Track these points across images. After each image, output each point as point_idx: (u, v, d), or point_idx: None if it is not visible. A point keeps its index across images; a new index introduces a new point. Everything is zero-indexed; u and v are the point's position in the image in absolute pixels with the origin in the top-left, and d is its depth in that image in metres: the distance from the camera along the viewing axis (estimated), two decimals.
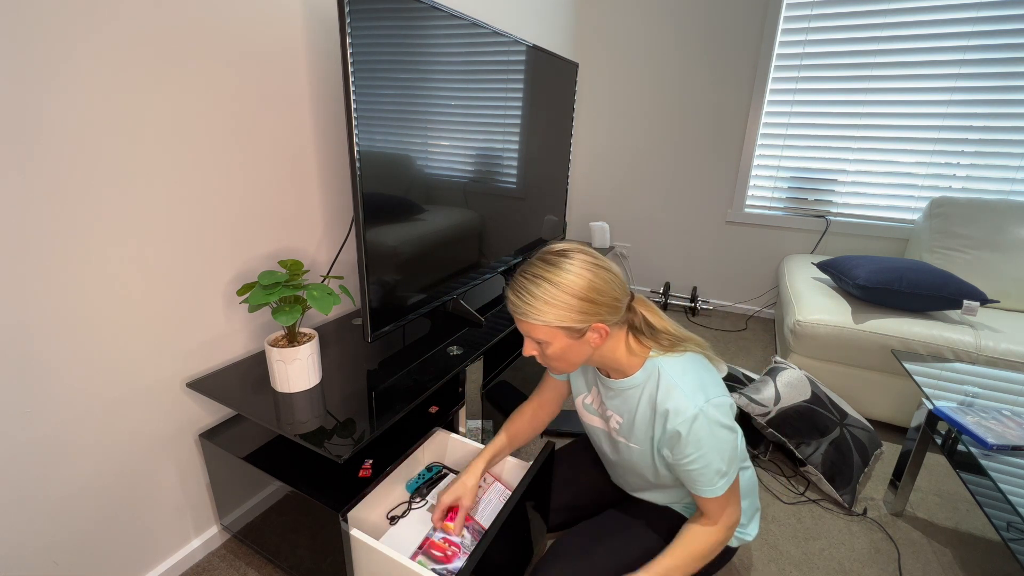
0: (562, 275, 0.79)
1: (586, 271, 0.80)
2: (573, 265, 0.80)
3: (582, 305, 0.79)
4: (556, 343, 0.82)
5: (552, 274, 0.80)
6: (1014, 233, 1.94)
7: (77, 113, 0.84)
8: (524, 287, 0.81)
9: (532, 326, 0.82)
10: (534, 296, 0.80)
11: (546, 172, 1.98)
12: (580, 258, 0.82)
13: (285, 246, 1.28)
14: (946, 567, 1.25)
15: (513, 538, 1.05)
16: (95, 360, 0.94)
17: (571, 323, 0.80)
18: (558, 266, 0.80)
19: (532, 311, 0.80)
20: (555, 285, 0.79)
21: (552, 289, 0.79)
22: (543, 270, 0.81)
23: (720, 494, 0.85)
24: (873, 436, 1.61)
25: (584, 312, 0.79)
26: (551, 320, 0.80)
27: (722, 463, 0.83)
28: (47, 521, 0.91)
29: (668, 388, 0.84)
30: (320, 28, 1.24)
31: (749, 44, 2.50)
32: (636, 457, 0.93)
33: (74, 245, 0.87)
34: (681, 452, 0.83)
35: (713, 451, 0.82)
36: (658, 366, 0.86)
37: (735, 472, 0.86)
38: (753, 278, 2.84)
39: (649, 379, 0.87)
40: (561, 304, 0.79)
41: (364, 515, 0.98)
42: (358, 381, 1.13)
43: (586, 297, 0.79)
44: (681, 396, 0.82)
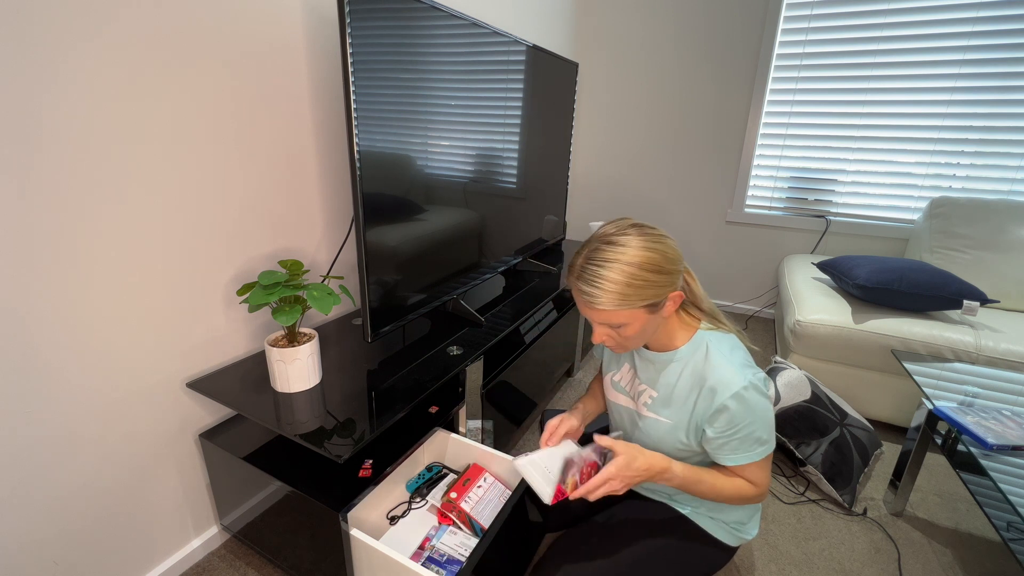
0: (632, 252, 0.78)
1: (653, 242, 0.79)
2: (638, 240, 0.79)
3: (659, 278, 0.78)
4: (636, 322, 0.81)
5: (621, 254, 0.78)
6: (1014, 233, 1.94)
7: (77, 113, 0.84)
8: (596, 274, 0.78)
9: (611, 313, 0.79)
10: (611, 280, 0.77)
11: (546, 172, 1.98)
12: (640, 232, 0.80)
13: (285, 246, 1.28)
14: (946, 567, 1.25)
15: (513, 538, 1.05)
16: (95, 360, 0.94)
17: (651, 299, 0.79)
18: (624, 244, 0.78)
19: (612, 297, 0.77)
20: (629, 264, 0.77)
21: (628, 268, 0.77)
22: (611, 252, 0.78)
23: (757, 460, 0.85)
24: (873, 436, 1.61)
25: (661, 285, 0.79)
26: (633, 302, 0.78)
27: (764, 432, 0.84)
28: (47, 521, 0.91)
29: (717, 363, 0.84)
30: (320, 28, 1.24)
31: (749, 44, 2.50)
32: (663, 432, 0.92)
33: (74, 245, 0.87)
34: (728, 423, 0.83)
35: (758, 421, 0.83)
36: (707, 340, 0.87)
37: (771, 443, 0.87)
38: (753, 278, 2.84)
39: (696, 352, 0.88)
40: (641, 282, 0.77)
41: (364, 515, 0.98)
42: (358, 381, 1.13)
43: (660, 269, 0.78)
44: (731, 371, 0.83)
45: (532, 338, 1.63)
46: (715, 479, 0.88)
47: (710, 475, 0.88)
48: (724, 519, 0.99)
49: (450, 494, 1.05)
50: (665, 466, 0.85)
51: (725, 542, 0.99)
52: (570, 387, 2.04)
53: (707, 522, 0.99)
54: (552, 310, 1.88)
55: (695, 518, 0.99)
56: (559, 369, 1.94)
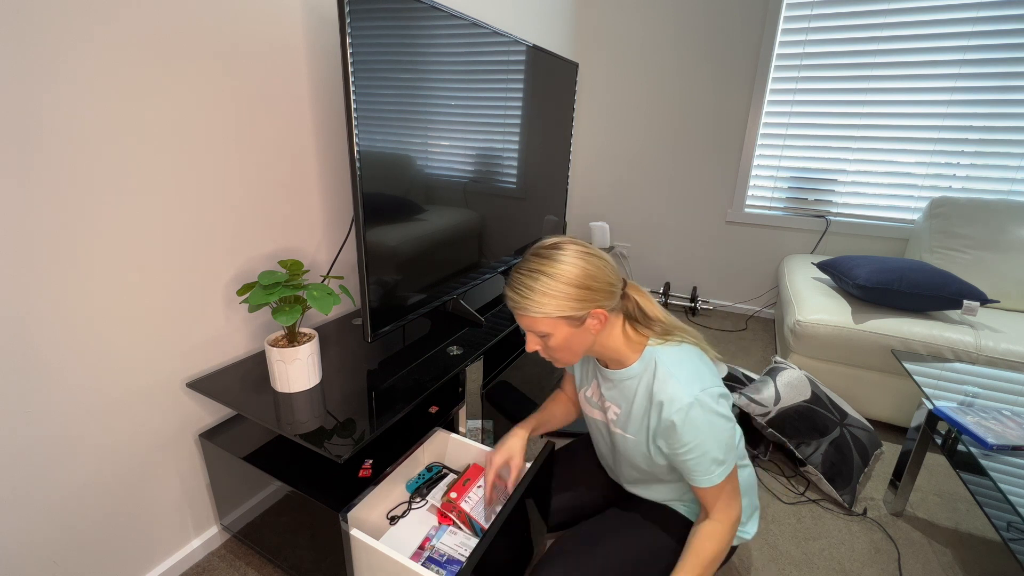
0: (557, 266, 0.82)
1: (579, 259, 0.83)
2: (566, 255, 0.83)
3: (579, 292, 0.82)
4: (558, 334, 0.84)
5: (547, 266, 0.82)
6: (1014, 233, 1.94)
7: (77, 112, 0.84)
8: (522, 283, 0.84)
9: (533, 319, 0.84)
10: (532, 290, 0.82)
11: (546, 172, 1.98)
12: (572, 248, 0.84)
13: (285, 246, 1.28)
14: (946, 567, 1.25)
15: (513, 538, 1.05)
16: (95, 360, 0.94)
17: (571, 311, 0.82)
18: (552, 258, 0.83)
19: (532, 304, 0.82)
20: (551, 276, 0.82)
21: (549, 280, 0.81)
22: (538, 264, 0.83)
23: (718, 482, 0.85)
24: (873, 436, 1.61)
25: (582, 299, 0.82)
26: (551, 311, 0.82)
27: (718, 451, 0.83)
28: (47, 521, 0.91)
29: (664, 377, 0.85)
30: (320, 28, 1.24)
31: (749, 44, 2.50)
32: (631, 448, 0.94)
33: (74, 245, 0.87)
34: (677, 441, 0.83)
35: (709, 439, 0.82)
36: (655, 355, 0.88)
37: (732, 462, 0.86)
38: (753, 278, 2.84)
39: (647, 369, 0.88)
40: (559, 294, 0.81)
41: (364, 515, 0.98)
42: (358, 381, 1.13)
43: (582, 284, 0.82)
44: (676, 385, 0.83)
45: None
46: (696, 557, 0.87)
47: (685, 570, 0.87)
48: None
49: (450, 494, 1.05)
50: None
51: None
52: None
53: None
54: None
55: (694, 518, 0.99)
56: (559, 369, 1.94)
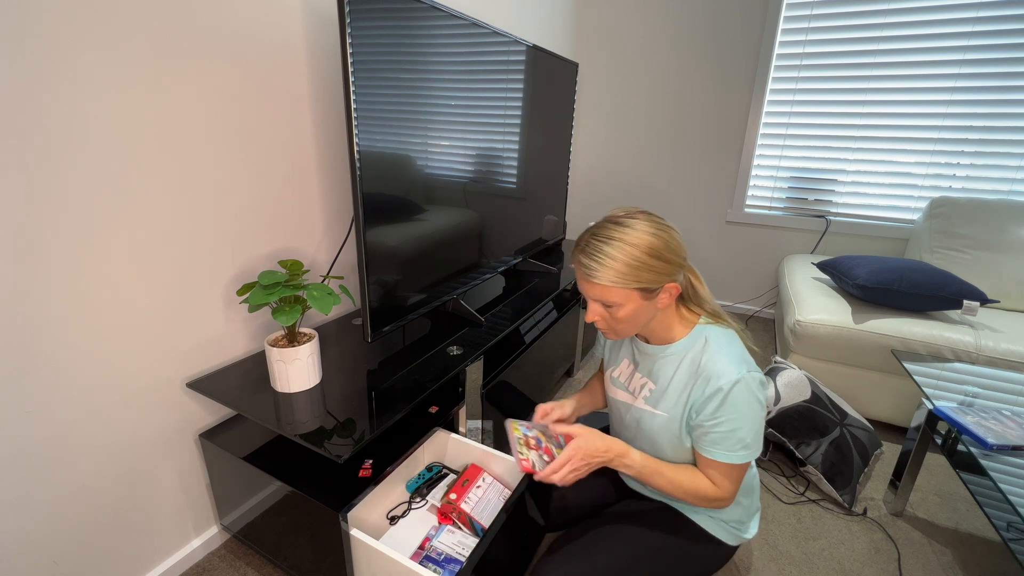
0: (636, 234, 0.80)
1: (658, 230, 0.81)
2: (644, 225, 0.81)
3: (657, 264, 0.80)
4: (629, 304, 0.82)
5: (626, 235, 0.80)
6: (1014, 233, 1.94)
7: (77, 112, 0.84)
8: (599, 249, 0.81)
9: (606, 289, 0.81)
10: (611, 257, 0.79)
11: (546, 172, 1.98)
12: (648, 219, 0.83)
13: (285, 246, 1.28)
14: (946, 567, 1.25)
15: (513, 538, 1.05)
16: (95, 360, 0.94)
17: (647, 283, 0.80)
18: (631, 227, 0.81)
19: (609, 273, 0.80)
20: (632, 245, 0.79)
21: (629, 248, 0.79)
22: (616, 231, 0.81)
23: (735, 462, 0.85)
24: (873, 436, 1.61)
25: (659, 271, 0.80)
26: (629, 281, 0.80)
27: (748, 434, 0.84)
28: (47, 521, 0.91)
29: (714, 353, 0.85)
30: (320, 27, 1.24)
31: (749, 44, 2.50)
32: (659, 427, 0.92)
33: (74, 245, 0.87)
34: (713, 414, 0.83)
35: (745, 419, 0.83)
36: (706, 334, 0.88)
37: (756, 451, 0.86)
38: (753, 278, 2.84)
39: (695, 344, 0.88)
40: (638, 263, 0.79)
41: (364, 515, 0.98)
42: (358, 381, 1.13)
43: (661, 256, 0.80)
44: (727, 362, 0.83)
45: (532, 338, 1.63)
46: (674, 472, 0.89)
47: (669, 468, 0.89)
48: (723, 518, 0.99)
49: (449, 495, 1.05)
50: (623, 451, 0.88)
51: (724, 541, 0.99)
52: (570, 387, 2.04)
53: (707, 521, 0.99)
54: (552, 310, 1.88)
55: (695, 517, 0.99)
56: (559, 369, 1.94)
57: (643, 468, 0.88)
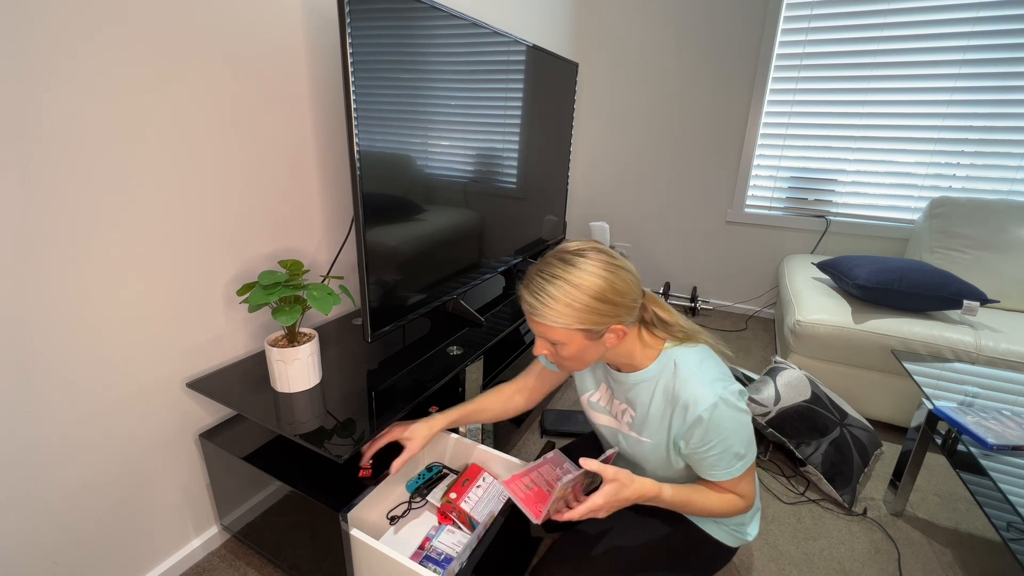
0: (581, 275, 0.77)
1: (605, 271, 0.78)
2: (592, 265, 0.78)
3: (602, 307, 0.77)
4: (572, 344, 0.81)
5: (570, 274, 0.77)
6: (1014, 233, 1.94)
7: (77, 112, 0.84)
8: (542, 287, 0.78)
9: (548, 328, 0.79)
10: (553, 297, 0.77)
11: (546, 172, 1.98)
12: (598, 258, 0.79)
13: (285, 246, 1.28)
14: (946, 567, 1.25)
15: (513, 538, 1.05)
16: (95, 360, 0.94)
17: (590, 325, 0.78)
18: (576, 266, 0.78)
19: (551, 313, 0.77)
20: (575, 286, 0.77)
21: (571, 290, 0.76)
22: (561, 269, 0.78)
23: (737, 475, 0.85)
24: (873, 436, 1.61)
25: (603, 314, 0.78)
26: (570, 322, 0.77)
27: (740, 447, 0.83)
28: (47, 521, 0.91)
29: (686, 378, 0.83)
30: (320, 28, 1.24)
31: (749, 44, 2.50)
32: (647, 451, 0.92)
33: (74, 245, 0.87)
34: (701, 440, 0.82)
35: (732, 436, 0.82)
36: (673, 357, 0.86)
37: (752, 455, 0.86)
38: (753, 278, 2.84)
39: (664, 370, 0.86)
40: (581, 306, 0.76)
41: (364, 515, 0.98)
42: (358, 381, 1.13)
43: (605, 299, 0.77)
44: (700, 385, 0.82)
45: (532, 338, 1.63)
46: (704, 498, 0.88)
47: (699, 494, 0.88)
48: (724, 520, 0.99)
49: (449, 495, 1.05)
50: (655, 493, 0.84)
51: (725, 543, 0.99)
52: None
53: (707, 523, 0.99)
54: None
55: (695, 520, 0.99)
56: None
57: (674, 503, 0.86)
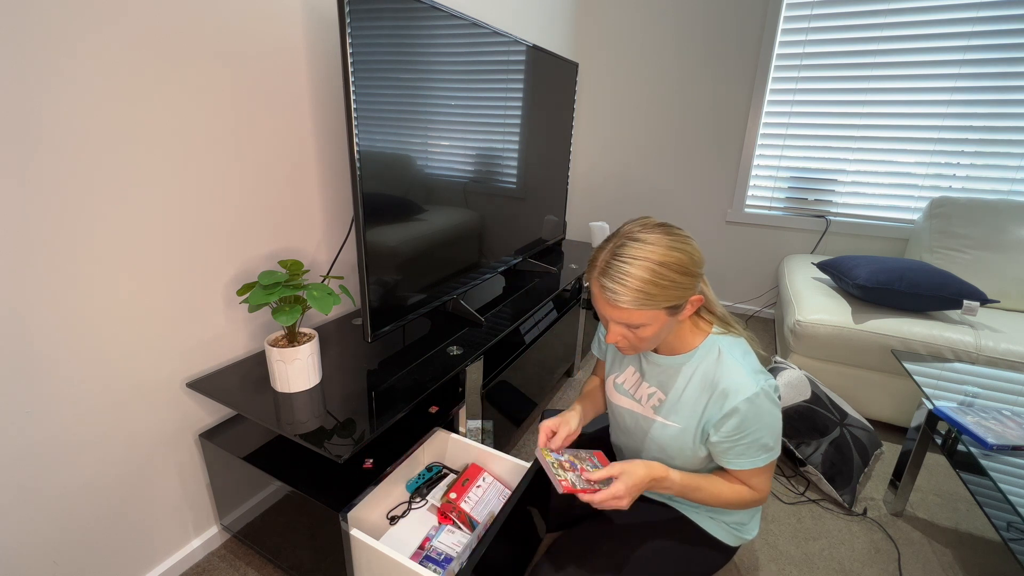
0: (660, 251, 0.75)
1: (679, 243, 0.77)
2: (667, 239, 0.77)
3: (684, 280, 0.77)
4: (656, 323, 0.79)
5: (649, 252, 0.75)
6: (1014, 233, 1.94)
7: (77, 112, 0.84)
8: (622, 270, 0.75)
9: (632, 312, 0.77)
10: (637, 279, 0.75)
11: (546, 172, 1.98)
12: (666, 231, 0.78)
13: (285, 246, 1.28)
14: (946, 567, 1.25)
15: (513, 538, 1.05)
16: (95, 360, 0.94)
17: (675, 300, 0.77)
18: (652, 243, 0.76)
19: (638, 295, 0.75)
20: (658, 263, 0.75)
21: (656, 267, 0.75)
22: (638, 249, 0.76)
23: (761, 466, 0.85)
24: (873, 436, 1.61)
25: (685, 287, 0.77)
26: (659, 301, 0.75)
27: (770, 439, 0.84)
28: (47, 521, 0.91)
29: (731, 366, 0.83)
30: (320, 28, 1.24)
31: (749, 44, 2.50)
32: (670, 437, 0.91)
33: (74, 245, 0.87)
34: (736, 428, 0.82)
35: (766, 428, 0.82)
36: (718, 344, 0.86)
37: (778, 450, 0.86)
38: (753, 278, 2.84)
39: (707, 356, 0.86)
40: (668, 282, 0.75)
41: (364, 515, 0.98)
42: (358, 381, 1.13)
43: (687, 270, 0.77)
44: (743, 375, 0.82)
45: (532, 338, 1.63)
46: (714, 485, 0.88)
47: (708, 481, 0.88)
48: (724, 519, 0.99)
49: (449, 494, 1.05)
50: (663, 474, 0.85)
51: (725, 542, 0.99)
52: (570, 387, 2.04)
53: (707, 522, 0.99)
54: (552, 310, 1.88)
55: (695, 518, 0.99)
56: (559, 369, 1.94)
57: (683, 488, 0.87)
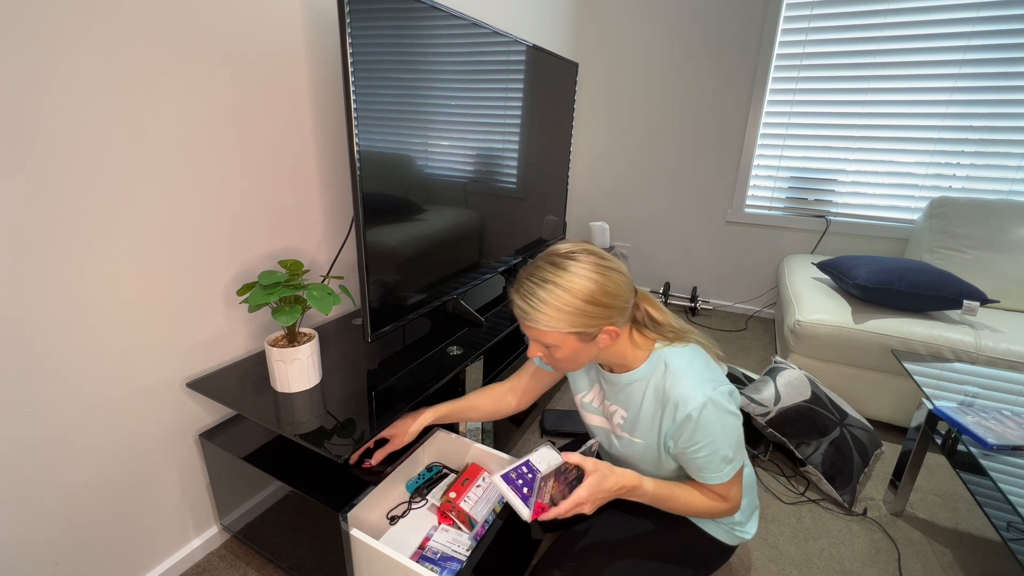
0: (572, 279, 0.77)
1: (596, 274, 0.78)
2: (583, 268, 0.78)
3: (594, 310, 0.77)
4: (566, 347, 0.81)
5: (561, 278, 0.77)
6: (1014, 233, 1.94)
7: (77, 112, 0.84)
8: (532, 292, 0.78)
9: (541, 332, 0.80)
10: (544, 302, 0.77)
11: (546, 172, 1.98)
12: (588, 260, 0.79)
13: (285, 246, 1.28)
14: (946, 567, 1.25)
15: (513, 538, 1.05)
16: (95, 360, 0.94)
17: (583, 328, 0.78)
18: (567, 269, 0.78)
19: (543, 317, 0.77)
20: (565, 290, 0.76)
21: (563, 294, 0.76)
22: (552, 273, 0.78)
23: (726, 480, 0.85)
24: (873, 436, 1.61)
25: (595, 316, 0.78)
26: (563, 326, 0.77)
27: (729, 450, 0.83)
28: (47, 521, 0.91)
29: (675, 378, 0.83)
30: (320, 28, 1.24)
31: (749, 44, 2.50)
32: (639, 452, 0.93)
33: (74, 245, 0.87)
34: (689, 440, 0.82)
35: (721, 438, 0.82)
36: (664, 357, 0.86)
37: (741, 460, 0.86)
38: (753, 278, 2.84)
39: (655, 371, 0.86)
40: (572, 309, 0.76)
41: (364, 515, 0.98)
42: (358, 381, 1.13)
43: (597, 301, 0.77)
44: (690, 385, 0.82)
45: None
46: (686, 495, 0.88)
47: (681, 491, 0.88)
48: (722, 518, 0.99)
49: (449, 494, 1.05)
50: (636, 484, 0.85)
51: (723, 541, 0.99)
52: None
53: (705, 521, 0.99)
54: None
55: (693, 518, 0.99)
56: None
57: (656, 496, 0.87)
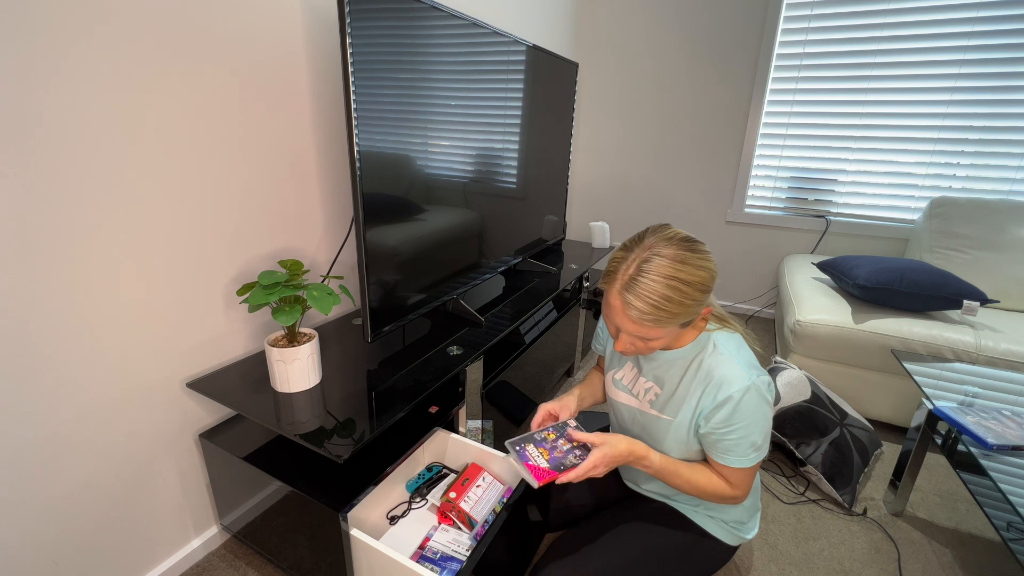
0: (688, 271, 0.76)
1: (704, 260, 0.78)
2: (695, 257, 0.77)
3: (704, 298, 0.78)
4: (668, 335, 0.81)
5: (678, 271, 0.75)
6: (1014, 233, 1.94)
7: (77, 112, 0.84)
8: (652, 290, 0.75)
9: (650, 328, 0.77)
10: (667, 299, 0.75)
11: (546, 172, 1.98)
12: (690, 248, 0.78)
13: (285, 246, 1.28)
14: (946, 567, 1.25)
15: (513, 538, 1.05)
16: (95, 360, 0.94)
17: (691, 316, 0.79)
18: (682, 262, 0.76)
19: (661, 313, 0.75)
20: (687, 283, 0.75)
21: (684, 288, 0.75)
22: (668, 268, 0.75)
23: (748, 466, 0.85)
24: (873, 436, 1.61)
25: (702, 303, 0.79)
26: (677, 318, 0.76)
27: (759, 437, 0.84)
28: (47, 521, 0.91)
29: (723, 359, 0.85)
30: (320, 28, 1.24)
31: (749, 44, 2.50)
32: (667, 431, 0.92)
33: (74, 245, 0.87)
34: (725, 421, 0.83)
35: (755, 424, 0.83)
36: (712, 338, 0.88)
37: (766, 449, 0.87)
38: (753, 278, 2.84)
39: (703, 350, 0.88)
40: (692, 302, 0.76)
41: (364, 515, 0.98)
42: (358, 381, 1.13)
43: (708, 289, 0.78)
44: (736, 368, 0.83)
45: (532, 338, 1.63)
46: (692, 472, 0.89)
47: (688, 468, 0.89)
48: (724, 518, 0.99)
49: (449, 494, 1.05)
50: (644, 453, 0.87)
51: (724, 541, 0.99)
52: (570, 387, 2.04)
53: (706, 521, 0.99)
54: (552, 310, 1.88)
55: (694, 517, 0.99)
56: (559, 369, 1.94)
57: (662, 469, 0.89)
